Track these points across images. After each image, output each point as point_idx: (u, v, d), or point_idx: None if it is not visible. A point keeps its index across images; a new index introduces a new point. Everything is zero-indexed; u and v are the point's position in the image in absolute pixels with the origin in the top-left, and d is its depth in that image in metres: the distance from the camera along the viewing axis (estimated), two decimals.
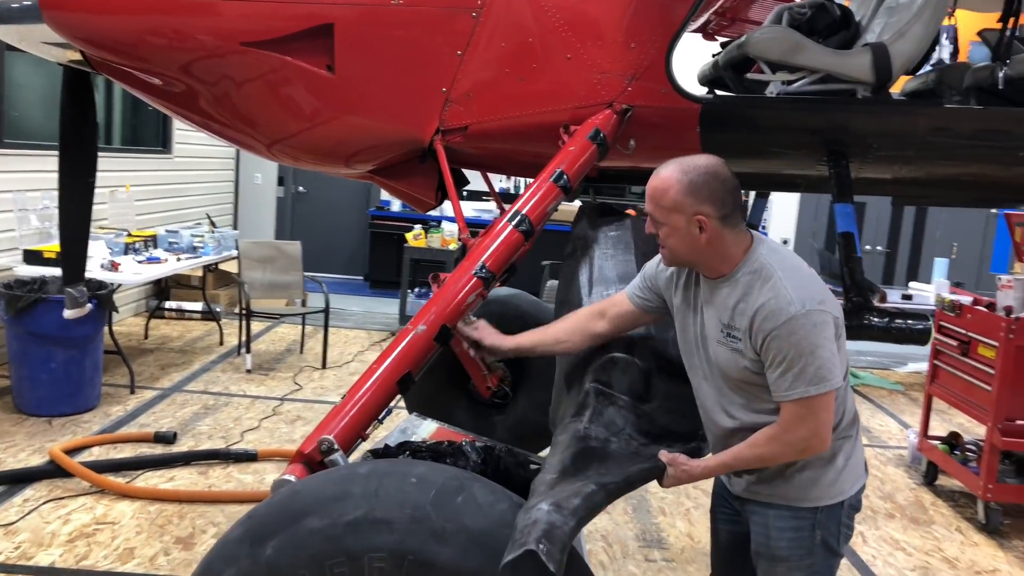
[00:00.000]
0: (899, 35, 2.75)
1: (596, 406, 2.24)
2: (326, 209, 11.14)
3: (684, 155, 2.41)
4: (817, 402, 1.93)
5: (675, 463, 2.06)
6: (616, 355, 2.38)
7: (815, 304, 1.93)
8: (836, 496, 2.09)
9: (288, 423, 5.34)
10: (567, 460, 2.02)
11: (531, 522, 1.75)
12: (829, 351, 1.94)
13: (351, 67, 2.85)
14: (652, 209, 2.07)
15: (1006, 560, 4.10)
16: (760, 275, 2.00)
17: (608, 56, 2.73)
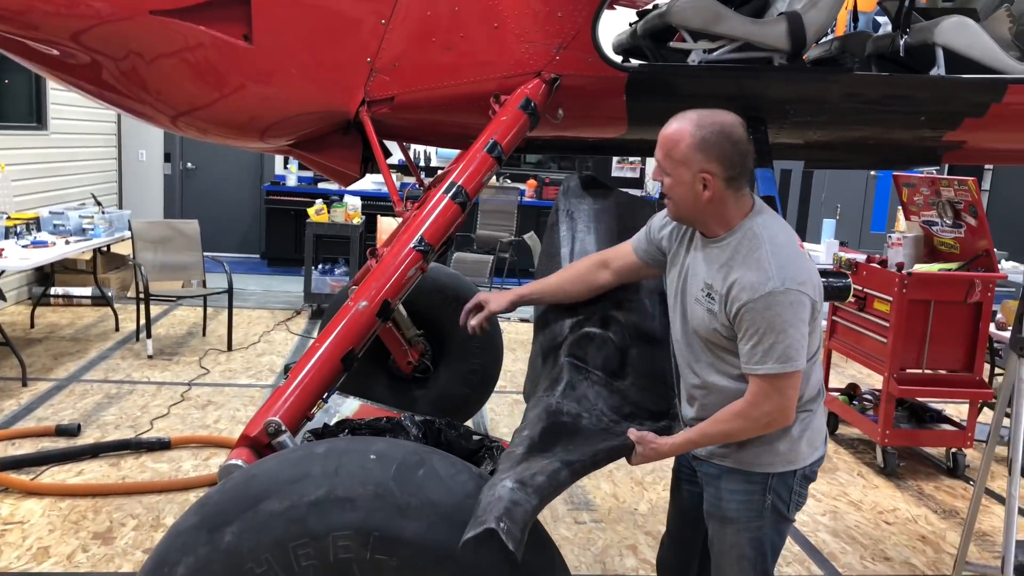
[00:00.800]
0: (811, 4, 2.85)
1: (570, 380, 2.24)
2: (217, 186, 10.73)
3: (610, 123, 2.42)
4: (783, 380, 1.96)
5: (643, 441, 2.07)
6: (592, 330, 2.38)
7: (795, 284, 1.94)
8: (789, 464, 2.11)
9: (199, 408, 5.16)
10: (536, 435, 2.02)
11: (494, 499, 1.76)
12: (800, 332, 1.95)
13: (269, 37, 2.74)
14: (661, 158, 2.05)
15: (903, 499, 4.41)
16: (749, 243, 2.01)
17: (535, 25, 2.73)
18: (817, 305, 2.01)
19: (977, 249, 4.66)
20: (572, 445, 2.02)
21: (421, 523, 1.79)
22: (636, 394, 2.32)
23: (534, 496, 1.80)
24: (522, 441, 2.00)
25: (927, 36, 2.95)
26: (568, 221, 2.78)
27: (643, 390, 2.33)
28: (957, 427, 4.78)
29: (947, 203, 4.73)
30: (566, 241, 2.73)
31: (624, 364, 2.36)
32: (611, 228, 2.74)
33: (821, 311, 2.06)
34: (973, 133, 3.06)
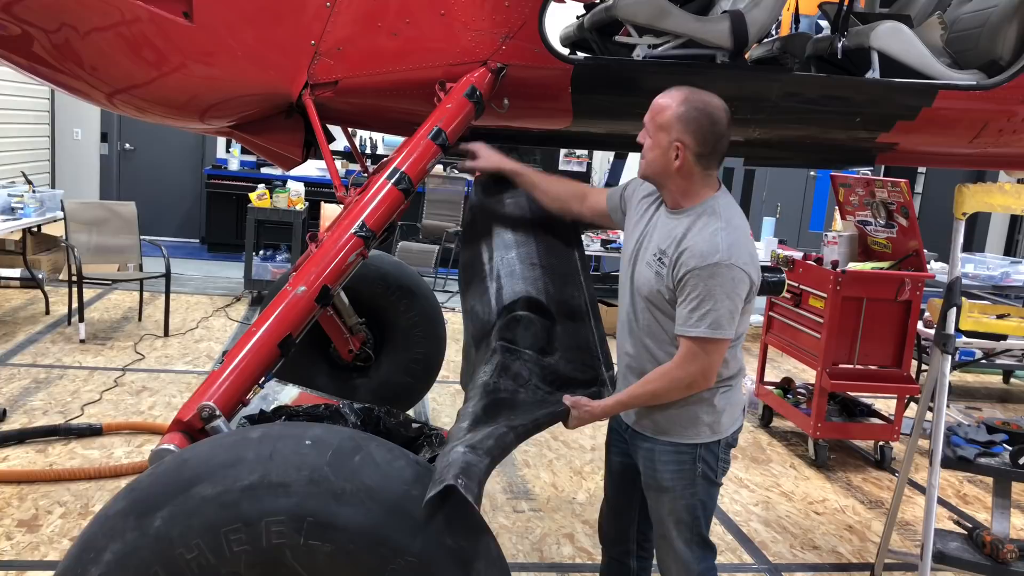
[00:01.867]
0: (754, 4, 2.90)
1: (502, 362, 2.32)
2: (156, 168, 10.47)
3: (555, 115, 2.50)
4: (711, 345, 2.12)
5: (578, 405, 2.23)
6: (519, 314, 2.49)
7: (740, 263, 2.10)
8: (714, 435, 2.30)
9: (133, 394, 5.04)
10: (479, 411, 2.11)
11: (448, 463, 1.84)
12: (734, 306, 2.12)
13: (211, 15, 2.68)
14: (647, 120, 2.23)
15: (833, 490, 4.54)
16: (707, 219, 2.16)
17: (482, 14, 2.72)
18: (754, 289, 2.17)
19: (908, 249, 4.81)
20: (513, 415, 2.12)
21: (356, 509, 1.78)
22: (565, 367, 2.45)
23: (485, 457, 1.90)
24: (466, 416, 2.09)
25: (863, 40, 3.02)
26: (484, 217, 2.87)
27: (571, 362, 2.47)
28: (885, 421, 4.93)
29: (881, 204, 4.87)
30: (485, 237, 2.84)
31: (551, 341, 2.48)
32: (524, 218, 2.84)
33: (755, 298, 2.19)
34: (905, 135, 3.15)
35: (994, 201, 2.95)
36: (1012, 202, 2.96)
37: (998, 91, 2.99)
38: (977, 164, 3.61)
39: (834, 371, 4.71)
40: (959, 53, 3.24)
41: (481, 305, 2.66)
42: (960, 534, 3.00)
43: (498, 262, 2.68)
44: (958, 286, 2.94)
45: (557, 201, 2.70)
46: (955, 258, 3.00)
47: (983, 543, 2.86)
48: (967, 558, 2.94)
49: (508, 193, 2.91)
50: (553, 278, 2.67)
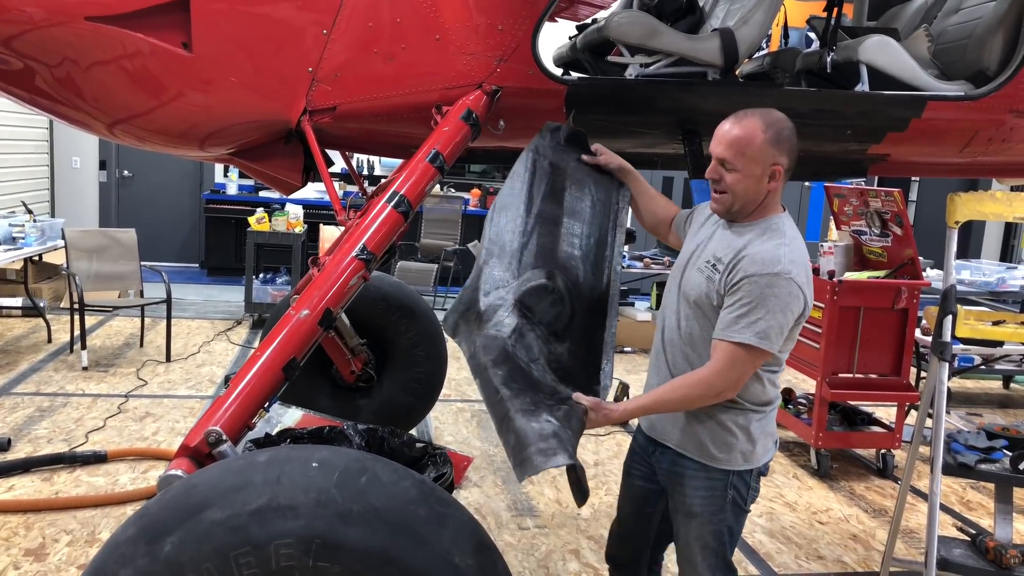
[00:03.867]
0: (743, 22, 2.96)
1: (520, 326, 2.25)
2: (155, 194, 10.53)
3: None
4: (754, 354, 2.08)
5: (597, 408, 2.13)
6: (549, 284, 2.38)
7: (800, 281, 2.08)
8: (747, 463, 2.26)
9: (137, 420, 5.06)
10: (515, 373, 2.07)
11: (549, 433, 1.83)
12: (785, 321, 2.08)
13: (209, 45, 2.73)
14: (732, 156, 2.16)
15: (836, 500, 4.55)
16: (771, 233, 2.15)
17: (476, 38, 2.77)
18: (806, 312, 2.14)
19: (903, 257, 4.85)
20: (545, 396, 2.08)
21: (364, 529, 1.80)
22: (568, 360, 2.34)
23: (573, 438, 1.90)
24: (500, 377, 2.05)
25: (852, 54, 3.07)
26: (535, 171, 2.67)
27: (576, 358, 2.36)
28: (886, 429, 4.95)
29: (875, 213, 4.91)
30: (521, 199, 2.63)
31: (567, 329, 2.38)
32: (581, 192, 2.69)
33: (803, 324, 2.18)
34: (896, 146, 3.20)
35: (986, 209, 2.99)
36: (1003, 209, 3.00)
37: (986, 101, 3.04)
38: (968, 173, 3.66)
39: (834, 380, 4.74)
40: (946, 65, 3.29)
41: (510, 233, 2.51)
42: (964, 540, 3.02)
43: (544, 213, 2.54)
44: (953, 294, 2.97)
45: (653, 217, 2.67)
46: (949, 266, 3.04)
47: (986, 549, 2.87)
48: (971, 564, 2.96)
49: (577, 155, 2.76)
50: (590, 264, 2.57)
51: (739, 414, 2.23)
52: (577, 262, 2.53)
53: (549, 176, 2.65)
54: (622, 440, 5.28)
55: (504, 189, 2.61)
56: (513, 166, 2.66)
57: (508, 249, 2.46)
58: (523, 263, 2.44)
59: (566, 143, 2.75)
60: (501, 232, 2.51)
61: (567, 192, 2.65)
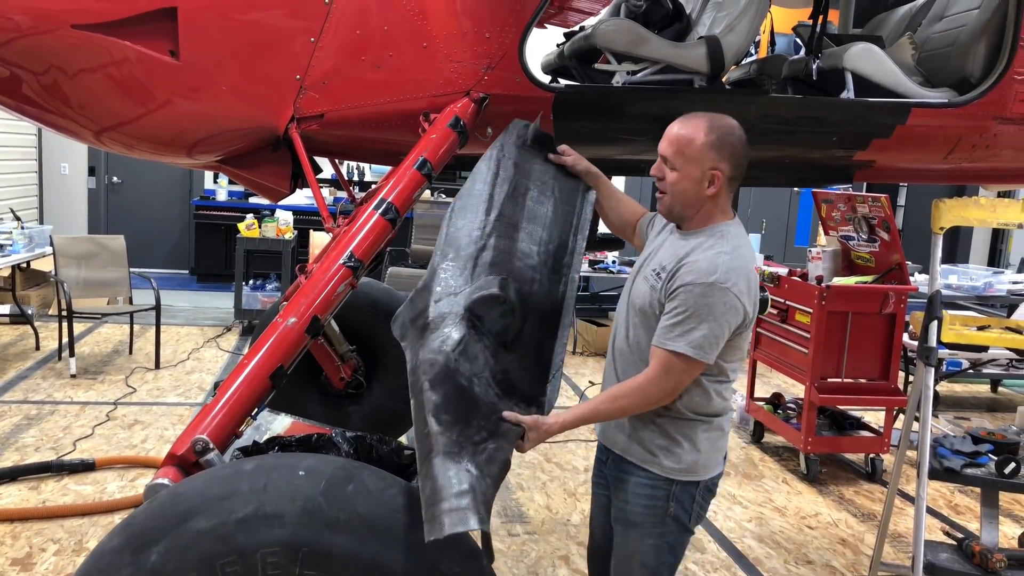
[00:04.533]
0: (729, 29, 2.98)
1: (467, 338, 2.17)
2: (144, 200, 10.50)
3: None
4: (688, 364, 2.04)
5: (535, 426, 2.08)
6: (503, 296, 2.30)
7: (736, 290, 2.04)
8: (693, 475, 2.19)
9: (125, 428, 5.04)
10: (451, 397, 2.01)
11: (465, 490, 1.80)
12: (721, 332, 2.05)
13: (197, 53, 2.73)
14: (672, 154, 2.14)
15: (825, 504, 4.56)
16: (715, 240, 2.12)
17: (464, 45, 2.78)
18: (748, 321, 2.10)
19: (891, 263, 4.88)
20: (482, 420, 2.03)
21: (350, 538, 1.80)
22: (516, 371, 2.26)
23: (492, 488, 1.86)
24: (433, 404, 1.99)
25: (837, 61, 3.10)
26: (498, 171, 2.59)
27: (523, 369, 2.28)
28: (875, 433, 4.97)
29: (863, 219, 4.94)
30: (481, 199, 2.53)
31: (517, 338, 2.31)
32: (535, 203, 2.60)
33: (747, 339, 2.16)
34: (881, 153, 3.22)
35: (970, 215, 3.01)
36: (987, 215, 3.02)
37: (970, 108, 3.07)
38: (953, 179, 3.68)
39: (822, 385, 4.76)
40: (931, 72, 3.32)
41: (467, 236, 2.42)
42: (950, 545, 3.03)
43: (504, 216, 2.47)
44: (939, 299, 2.99)
45: (619, 220, 2.64)
46: (935, 271, 3.06)
47: (972, 553, 2.89)
48: (957, 568, 2.97)
49: (542, 155, 2.69)
50: (548, 269, 2.48)
51: (684, 423, 2.18)
52: (534, 268, 2.47)
53: (512, 177, 2.59)
54: None
55: (464, 188, 2.54)
56: (476, 164, 2.60)
57: (463, 254, 2.39)
58: (478, 269, 2.37)
59: (532, 144, 2.70)
60: (458, 234, 2.45)
61: (529, 194, 2.60)
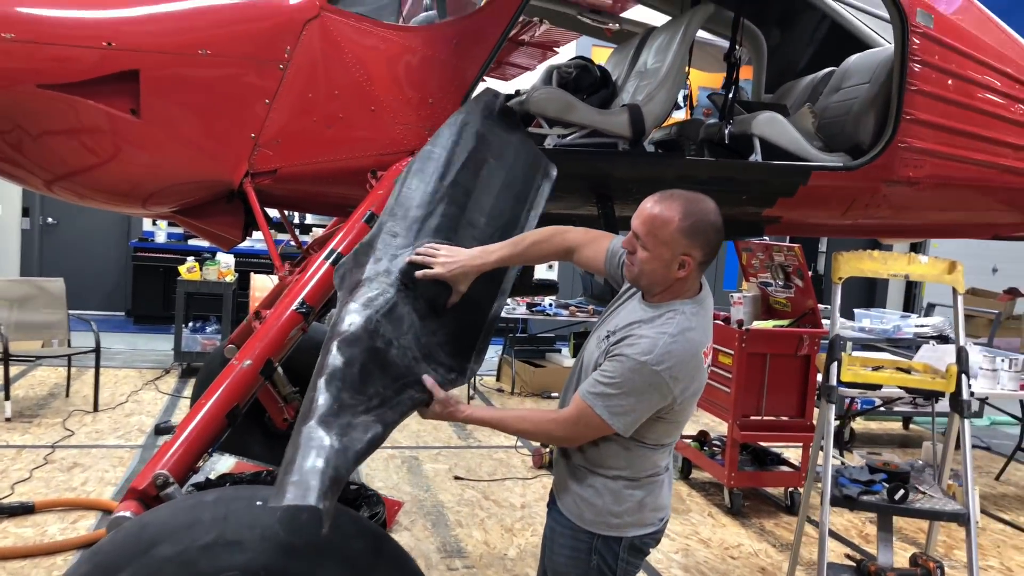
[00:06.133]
0: (649, 99, 3.29)
1: (395, 300, 2.21)
2: (80, 242, 10.43)
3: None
4: (596, 424, 2.09)
5: (446, 402, 2.15)
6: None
7: (669, 375, 2.04)
8: (615, 530, 2.20)
9: (64, 471, 5.05)
10: (355, 363, 2.03)
11: (318, 467, 1.78)
12: (640, 408, 2.07)
13: (157, 112, 2.90)
14: (644, 234, 2.10)
15: (747, 536, 4.84)
16: (666, 319, 2.10)
17: (408, 109, 3.03)
18: (674, 406, 2.10)
19: (805, 307, 5.25)
20: (383, 385, 2.06)
21: (306, 562, 1.98)
22: (442, 336, 2.29)
23: (353, 462, 1.87)
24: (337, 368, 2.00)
25: (746, 127, 3.44)
26: (459, 138, 2.61)
27: (450, 336, 2.32)
28: (793, 468, 5.29)
29: (779, 266, 5.31)
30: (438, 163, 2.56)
31: (446, 302, 2.35)
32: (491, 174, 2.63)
33: (684, 415, 2.17)
34: (786, 210, 3.56)
35: (864, 266, 3.35)
36: (879, 267, 3.37)
37: (861, 171, 3.43)
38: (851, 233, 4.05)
39: (744, 423, 5.07)
40: (829, 137, 3.69)
41: (418, 199, 2.47)
42: (850, 566, 3.32)
43: (458, 182, 2.50)
44: (838, 343, 3.32)
45: (542, 261, 2.58)
46: (835, 318, 3.39)
47: (869, 573, 3.17)
48: None
49: (505, 129, 2.70)
50: (495, 241, 2.46)
51: (608, 479, 2.19)
52: (478, 240, 2.48)
53: (473, 145, 2.59)
54: (547, 482, 5.49)
55: (424, 150, 2.56)
56: (440, 128, 2.63)
57: (411, 215, 2.43)
58: (422, 233, 2.41)
59: (498, 115, 2.71)
60: (410, 195, 2.47)
61: (487, 165, 2.59)
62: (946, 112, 3.42)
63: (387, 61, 3.02)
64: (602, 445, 2.20)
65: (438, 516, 4.76)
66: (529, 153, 2.79)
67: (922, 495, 3.17)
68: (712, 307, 2.28)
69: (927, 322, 7.01)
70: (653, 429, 2.16)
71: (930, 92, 3.37)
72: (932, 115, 3.40)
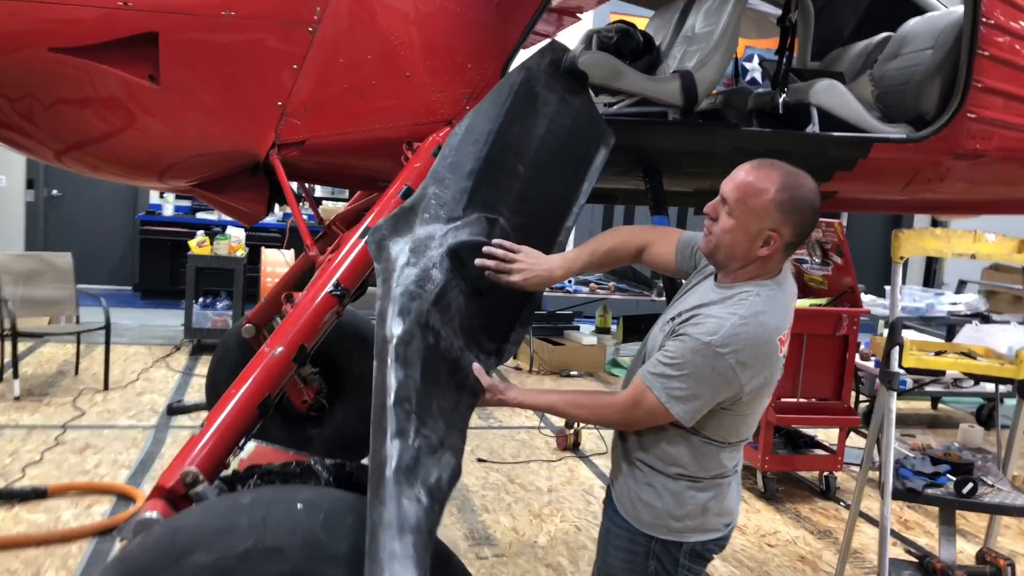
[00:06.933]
0: (702, 64, 3.07)
1: (445, 284, 2.11)
2: (86, 214, 10.22)
3: None
4: (654, 406, 1.93)
5: (495, 388, 2.07)
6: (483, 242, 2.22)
7: (735, 359, 1.86)
8: (675, 535, 2.04)
9: (76, 453, 4.90)
10: (414, 366, 1.97)
11: (412, 525, 1.79)
12: (700, 397, 1.90)
13: (177, 78, 2.70)
14: (734, 200, 1.91)
15: (783, 522, 4.68)
16: (737, 300, 1.92)
17: (446, 75, 2.81)
18: (744, 396, 1.92)
19: (843, 286, 5.05)
20: (442, 396, 1.99)
21: (351, 569, 1.81)
22: (483, 319, 2.20)
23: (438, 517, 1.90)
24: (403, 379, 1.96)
25: (803, 96, 3.22)
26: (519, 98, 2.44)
27: (493, 316, 2.22)
28: (829, 452, 5.12)
29: (816, 243, 5.10)
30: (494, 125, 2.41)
31: (493, 284, 2.24)
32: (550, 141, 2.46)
33: (754, 408, 1.98)
34: (843, 184, 3.35)
35: (927, 245, 3.15)
36: (943, 246, 3.17)
37: (925, 143, 3.21)
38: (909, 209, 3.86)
39: (779, 405, 4.89)
40: (887, 108, 3.47)
41: (466, 160, 2.35)
42: (911, 563, 3.15)
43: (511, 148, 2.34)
44: (899, 326, 3.12)
45: (613, 266, 2.42)
46: (895, 300, 3.19)
47: (934, 570, 3.01)
48: None
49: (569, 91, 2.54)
50: (546, 218, 2.37)
51: (668, 479, 2.03)
52: (531, 215, 2.36)
53: (533, 107, 2.43)
54: (574, 465, 5.34)
55: (478, 109, 2.43)
56: (499, 83, 2.48)
57: (459, 186, 2.30)
58: (472, 203, 2.28)
59: (565, 74, 2.52)
60: (458, 160, 2.36)
61: (547, 132, 2.45)
62: (1019, 80, 3.19)
63: (423, 24, 2.79)
64: (663, 439, 2.03)
65: (464, 501, 4.61)
66: (591, 119, 2.60)
67: (989, 488, 3.00)
68: (795, 292, 2.08)
69: (960, 299, 6.82)
70: (719, 423, 1.99)
71: (1001, 58, 3.14)
72: (1003, 83, 3.17)
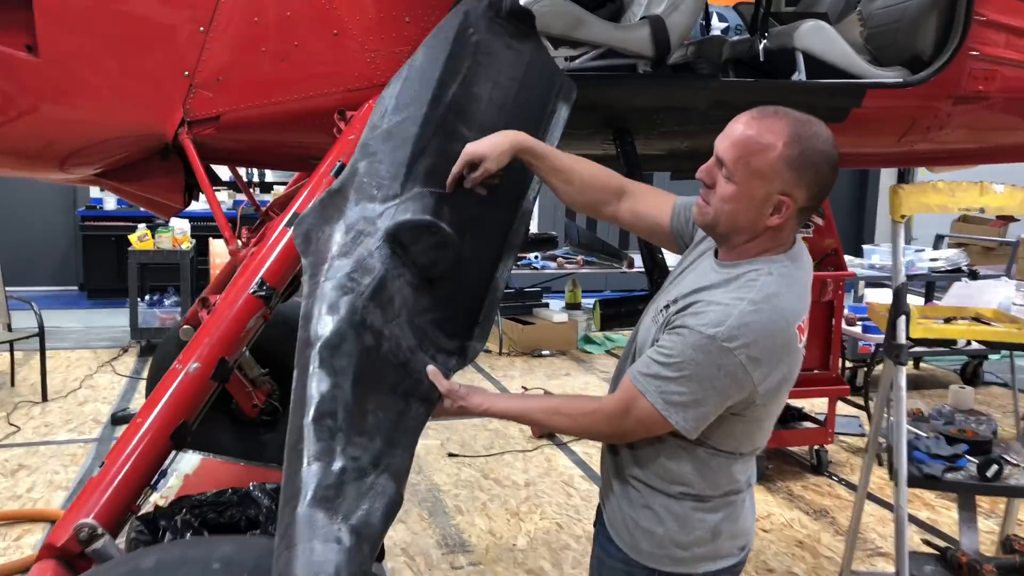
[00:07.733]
0: (672, 7, 2.71)
1: (383, 275, 1.77)
2: (20, 212, 9.62)
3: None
4: (649, 415, 1.60)
5: (454, 395, 1.71)
6: (437, 225, 1.85)
7: (743, 356, 1.53)
8: (681, 566, 1.72)
9: (8, 475, 4.47)
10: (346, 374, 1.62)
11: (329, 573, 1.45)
12: (705, 403, 1.57)
13: (59, 48, 2.29)
14: (731, 160, 1.56)
15: (776, 503, 4.40)
16: (744, 282, 1.60)
17: (380, 32, 2.42)
18: (758, 398, 1.59)
19: (825, 248, 4.75)
20: (381, 409, 1.65)
21: None
22: (438, 312, 1.85)
23: (369, 555, 1.51)
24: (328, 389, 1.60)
25: (786, 41, 2.87)
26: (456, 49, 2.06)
27: (448, 310, 1.88)
28: (818, 424, 4.84)
29: None
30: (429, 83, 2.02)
31: (445, 277, 1.88)
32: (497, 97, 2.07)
33: (770, 411, 1.66)
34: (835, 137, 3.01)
35: (930, 201, 2.84)
36: (947, 200, 2.86)
37: (923, 87, 2.89)
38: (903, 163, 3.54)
39: None
40: (878, 50, 3.14)
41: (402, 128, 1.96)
42: (932, 555, 2.87)
43: (454, 109, 1.98)
44: (904, 292, 2.80)
45: (591, 191, 1.90)
46: (899, 264, 2.87)
47: (959, 564, 2.72)
48: None
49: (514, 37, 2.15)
50: (498, 198, 1.97)
51: (670, 499, 1.71)
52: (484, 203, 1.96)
53: (473, 59, 2.07)
54: (551, 454, 5.02)
55: (410, 67, 2.04)
56: (429, 36, 2.09)
57: (396, 155, 1.92)
58: (412, 177, 1.89)
59: (508, 17, 2.14)
60: (392, 128, 1.96)
61: (492, 85, 2.07)
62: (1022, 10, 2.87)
63: None
64: (662, 452, 1.70)
65: (435, 502, 4.26)
66: (544, 68, 2.19)
67: (1014, 467, 2.70)
68: (811, 267, 1.73)
69: (940, 255, 6.57)
70: (729, 431, 1.65)
71: None
72: (1006, 15, 2.85)
